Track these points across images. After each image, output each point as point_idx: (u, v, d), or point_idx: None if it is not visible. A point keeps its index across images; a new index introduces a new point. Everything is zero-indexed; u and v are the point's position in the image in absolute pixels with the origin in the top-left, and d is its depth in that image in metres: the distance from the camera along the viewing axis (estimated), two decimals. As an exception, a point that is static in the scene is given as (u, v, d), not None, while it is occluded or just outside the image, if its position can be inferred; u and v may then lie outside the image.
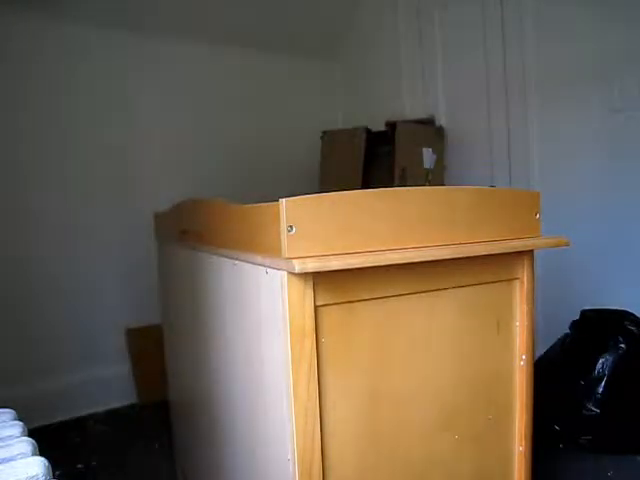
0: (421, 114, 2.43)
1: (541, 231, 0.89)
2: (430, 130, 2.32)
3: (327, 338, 0.72)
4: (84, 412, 2.14)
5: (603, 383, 1.58)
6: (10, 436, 0.72)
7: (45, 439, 1.05)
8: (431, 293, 0.81)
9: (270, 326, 0.74)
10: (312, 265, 0.64)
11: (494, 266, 0.87)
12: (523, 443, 0.92)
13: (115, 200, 2.25)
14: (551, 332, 1.83)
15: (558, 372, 1.70)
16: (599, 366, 1.60)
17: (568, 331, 1.79)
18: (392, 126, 2.21)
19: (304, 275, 0.68)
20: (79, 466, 1.71)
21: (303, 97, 2.79)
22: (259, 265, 0.75)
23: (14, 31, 2.01)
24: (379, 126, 2.29)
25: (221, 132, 2.51)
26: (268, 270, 0.72)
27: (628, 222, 1.83)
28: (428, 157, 2.24)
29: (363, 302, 0.74)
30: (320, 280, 0.69)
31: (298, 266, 0.63)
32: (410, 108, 2.50)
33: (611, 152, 1.85)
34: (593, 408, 1.57)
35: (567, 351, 1.73)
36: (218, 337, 1.01)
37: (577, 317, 1.79)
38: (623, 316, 1.67)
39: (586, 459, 1.56)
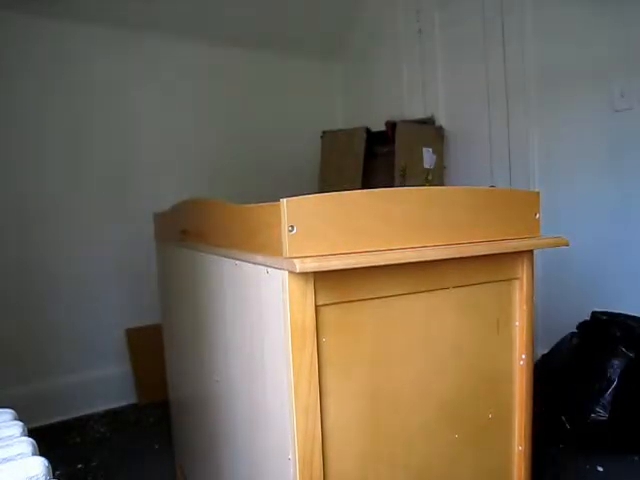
0: (421, 114, 2.43)
1: (541, 231, 0.89)
2: (430, 130, 2.32)
3: (328, 337, 0.72)
4: (84, 412, 2.14)
5: (612, 388, 1.57)
6: (10, 436, 0.72)
7: (45, 439, 1.05)
8: (431, 293, 0.81)
9: (271, 326, 0.74)
10: (313, 265, 0.65)
11: (494, 266, 0.87)
12: (523, 443, 0.92)
13: (115, 200, 2.25)
14: (551, 332, 1.83)
15: (565, 372, 1.69)
16: (609, 370, 1.58)
17: (575, 330, 1.77)
18: (392, 126, 2.21)
19: (305, 275, 0.68)
20: (79, 466, 1.71)
21: (303, 97, 2.79)
22: (260, 265, 0.75)
23: (14, 31, 2.01)
24: (379, 126, 2.29)
25: (221, 132, 2.51)
26: (269, 270, 0.72)
27: (628, 222, 1.83)
28: (428, 157, 2.24)
29: (364, 302, 0.74)
30: (321, 280, 0.69)
31: (299, 266, 0.63)
32: (410, 108, 2.50)
33: (611, 152, 1.85)
34: (601, 412, 1.56)
35: (575, 352, 1.71)
36: (218, 337, 1.01)
37: (576, 317, 1.79)
38: (634, 320, 1.66)
39: (586, 460, 1.56)
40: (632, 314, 1.68)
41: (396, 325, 0.78)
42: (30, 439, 0.70)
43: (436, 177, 2.28)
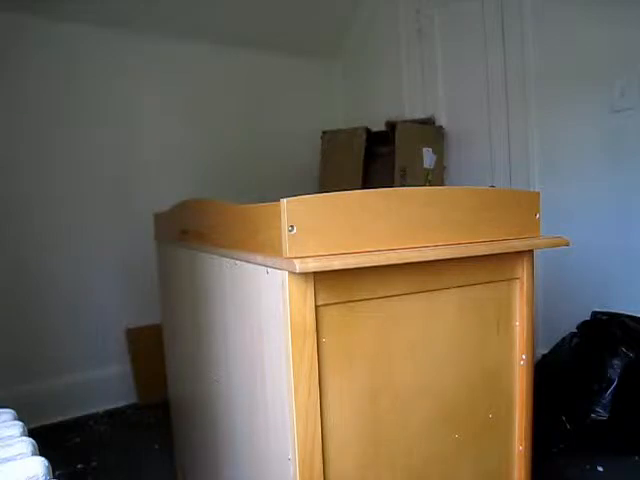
0: (421, 114, 2.43)
1: (541, 231, 0.89)
2: (430, 130, 2.32)
3: (328, 338, 0.72)
4: (84, 412, 2.14)
5: (612, 388, 1.56)
6: (10, 436, 0.72)
7: (45, 439, 1.05)
8: (431, 293, 0.81)
9: (271, 326, 0.74)
10: (313, 265, 0.64)
11: (494, 266, 0.87)
12: (523, 443, 0.92)
13: (115, 200, 2.25)
14: (551, 332, 1.83)
15: (565, 372, 1.69)
16: (609, 370, 1.58)
17: (575, 330, 1.77)
18: (392, 126, 2.21)
19: (305, 275, 0.68)
20: (79, 466, 1.71)
21: (303, 97, 2.79)
22: (260, 265, 0.75)
23: (14, 31, 2.01)
24: (379, 126, 2.29)
25: (221, 132, 2.51)
26: (269, 270, 0.72)
27: (628, 222, 1.83)
28: (428, 157, 2.24)
29: (364, 302, 0.74)
30: (321, 280, 0.69)
31: (299, 266, 0.63)
32: (410, 108, 2.50)
33: (611, 152, 1.85)
34: (601, 412, 1.56)
35: (575, 352, 1.71)
36: (218, 337, 1.01)
37: (576, 317, 1.79)
38: (634, 321, 1.65)
39: (586, 460, 1.55)
40: (632, 314, 1.68)
41: (396, 325, 0.78)
42: (30, 439, 0.70)
43: (436, 177, 2.28)
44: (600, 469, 1.51)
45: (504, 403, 0.91)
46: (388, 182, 2.17)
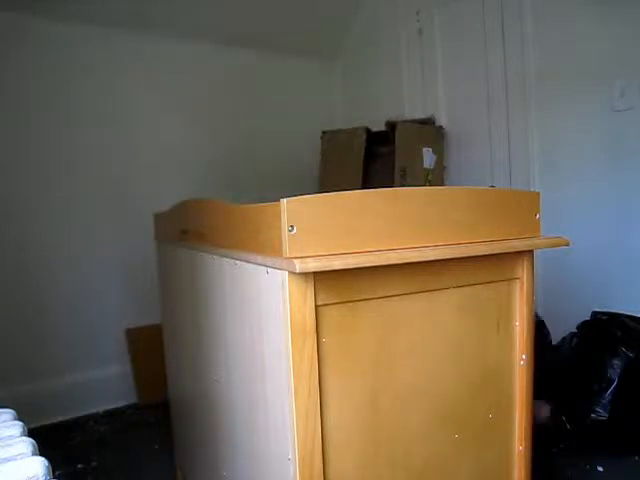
0: (421, 114, 2.43)
1: (541, 231, 0.89)
2: (430, 130, 2.32)
3: (328, 338, 0.72)
4: (84, 412, 2.14)
5: (612, 388, 1.56)
6: (10, 436, 0.72)
7: (45, 439, 1.05)
8: (431, 293, 0.81)
9: (271, 326, 0.74)
10: (313, 265, 0.64)
11: (494, 266, 0.87)
12: (523, 443, 0.92)
13: (115, 200, 2.25)
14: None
15: (565, 373, 1.69)
16: (609, 370, 1.58)
17: (575, 330, 1.77)
18: (392, 126, 2.21)
19: (305, 275, 0.68)
20: (79, 466, 1.71)
21: (303, 97, 2.79)
22: (260, 265, 0.75)
23: (14, 31, 2.01)
24: (379, 126, 2.29)
25: (221, 132, 2.51)
26: (269, 270, 0.72)
27: (628, 222, 1.83)
28: (428, 157, 2.24)
29: (364, 302, 0.74)
30: (321, 280, 0.69)
31: (299, 266, 0.63)
32: (410, 108, 2.50)
33: (611, 152, 1.85)
34: (601, 412, 1.56)
35: (575, 352, 1.71)
36: (218, 337, 1.01)
37: (576, 317, 1.79)
38: (634, 320, 1.65)
39: (586, 460, 1.55)
40: (632, 314, 1.68)
41: (396, 325, 0.78)
42: (30, 439, 0.70)
43: (436, 177, 2.28)
44: (600, 469, 1.51)
45: (504, 403, 0.91)
46: (388, 182, 2.17)
